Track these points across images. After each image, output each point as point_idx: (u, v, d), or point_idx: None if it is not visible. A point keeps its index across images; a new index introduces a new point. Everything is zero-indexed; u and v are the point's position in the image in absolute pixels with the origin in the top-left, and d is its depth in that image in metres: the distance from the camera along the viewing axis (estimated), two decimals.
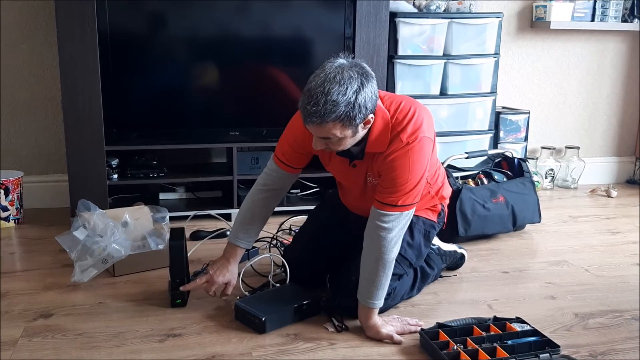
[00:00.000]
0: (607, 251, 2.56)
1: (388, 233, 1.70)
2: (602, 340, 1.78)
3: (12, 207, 2.70)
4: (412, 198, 1.71)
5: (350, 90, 1.54)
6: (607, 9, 3.42)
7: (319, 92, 1.53)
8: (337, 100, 1.53)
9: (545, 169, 3.55)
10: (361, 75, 1.57)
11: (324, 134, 1.60)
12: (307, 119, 1.58)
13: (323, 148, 1.67)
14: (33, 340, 1.71)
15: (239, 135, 2.78)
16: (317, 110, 1.53)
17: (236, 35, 2.70)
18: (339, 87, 1.54)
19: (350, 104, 1.55)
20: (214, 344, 1.71)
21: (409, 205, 1.71)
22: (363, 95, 1.56)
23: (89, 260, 2.03)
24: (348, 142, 1.65)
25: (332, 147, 1.67)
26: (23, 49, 2.83)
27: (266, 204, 1.93)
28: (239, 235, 1.92)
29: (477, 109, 3.18)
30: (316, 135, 1.63)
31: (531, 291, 2.13)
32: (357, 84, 1.56)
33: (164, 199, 2.94)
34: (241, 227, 1.93)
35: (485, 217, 2.58)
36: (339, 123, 1.57)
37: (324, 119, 1.55)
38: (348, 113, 1.55)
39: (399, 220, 1.71)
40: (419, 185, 1.71)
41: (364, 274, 1.75)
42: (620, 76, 3.67)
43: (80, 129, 2.54)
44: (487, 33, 3.10)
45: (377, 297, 1.75)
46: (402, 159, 1.67)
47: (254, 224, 1.94)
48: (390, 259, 1.73)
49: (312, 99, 1.54)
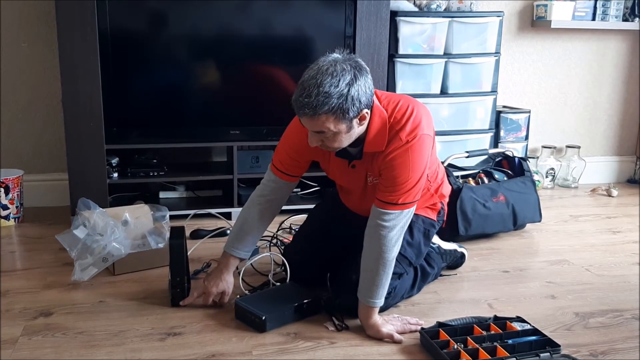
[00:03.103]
0: (607, 250, 2.56)
1: (389, 232, 1.70)
2: (602, 340, 1.78)
3: (12, 206, 2.70)
4: (413, 196, 1.71)
5: (343, 83, 1.54)
6: (608, 8, 3.42)
7: (312, 84, 1.53)
8: (329, 92, 1.53)
9: (546, 168, 3.55)
10: (354, 69, 1.57)
11: (318, 128, 1.59)
12: (300, 111, 1.57)
13: (319, 145, 1.66)
14: (33, 338, 1.71)
15: (239, 134, 2.78)
16: (310, 102, 1.53)
17: (236, 34, 2.69)
18: (331, 79, 1.53)
19: (343, 96, 1.54)
20: (214, 343, 1.71)
21: (410, 203, 1.71)
22: (356, 88, 1.56)
23: (89, 259, 2.03)
24: (343, 138, 1.63)
25: (327, 145, 1.65)
26: (24, 48, 2.83)
27: (263, 215, 1.92)
28: (235, 245, 1.91)
29: (478, 108, 3.18)
30: (310, 130, 1.62)
31: (532, 290, 2.13)
32: (350, 77, 1.55)
33: (164, 197, 2.94)
34: (237, 237, 1.91)
35: (486, 216, 2.58)
36: (331, 116, 1.56)
37: (316, 111, 1.54)
38: (341, 105, 1.54)
39: (399, 219, 1.71)
40: (419, 183, 1.71)
41: (365, 272, 1.75)
42: (621, 75, 3.66)
43: (81, 127, 2.54)
44: (487, 32, 3.09)
45: (378, 295, 1.75)
46: (402, 158, 1.67)
47: (250, 234, 1.91)
48: (391, 258, 1.73)
49: (305, 91, 1.54)
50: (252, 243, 1.94)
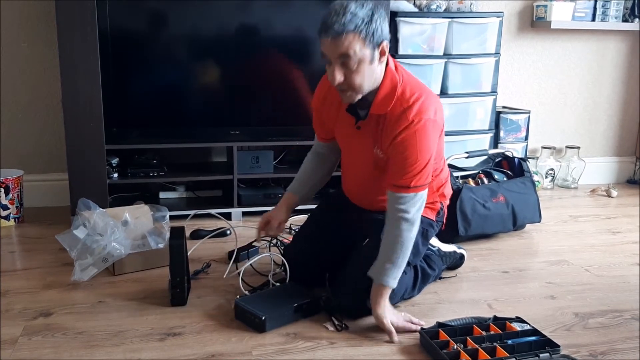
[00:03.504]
0: (607, 251, 2.56)
1: (405, 214, 1.76)
2: (602, 340, 1.78)
3: (12, 206, 2.70)
4: (424, 179, 1.78)
5: (367, 8, 1.67)
6: (608, 9, 3.42)
7: (338, 7, 1.66)
8: (355, 12, 1.64)
9: (546, 169, 3.55)
10: (373, 3, 1.71)
11: (344, 49, 1.65)
12: (327, 31, 1.65)
13: (341, 80, 1.69)
14: (33, 339, 1.71)
15: (239, 134, 2.78)
16: (337, 20, 1.63)
17: (236, 34, 2.70)
18: (356, 3, 1.66)
19: (368, 17, 1.65)
20: (214, 343, 1.71)
21: (421, 186, 1.78)
22: (378, 16, 1.68)
23: (89, 259, 2.03)
24: (366, 72, 1.69)
25: (350, 80, 1.69)
26: (23, 48, 2.83)
27: (314, 163, 2.12)
28: (294, 185, 2.11)
29: (478, 109, 3.18)
30: (335, 56, 1.67)
31: (531, 291, 2.13)
32: (372, 5, 1.69)
33: (164, 197, 2.95)
34: (296, 181, 2.12)
35: (486, 216, 2.58)
36: (358, 35, 1.64)
37: (344, 28, 1.63)
38: (367, 26, 1.65)
39: (414, 201, 1.77)
40: (427, 166, 1.77)
41: (382, 254, 1.79)
42: (620, 76, 3.67)
43: (81, 127, 2.54)
44: (487, 32, 3.10)
45: (391, 275, 1.77)
46: (410, 140, 1.74)
47: (307, 179, 2.11)
48: (409, 238, 1.78)
49: (333, 12, 1.66)
50: (308, 185, 2.10)
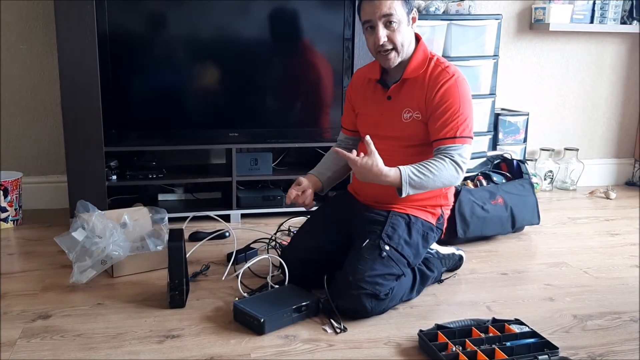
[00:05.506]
0: (606, 253, 2.56)
1: (457, 157, 1.87)
2: (600, 342, 1.78)
3: (11, 208, 2.70)
4: (469, 130, 1.90)
5: None
6: (606, 11, 3.42)
7: None
8: None
9: (544, 171, 3.56)
10: None
11: (386, 9, 1.84)
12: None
13: (385, 40, 1.87)
14: (32, 341, 1.70)
15: (238, 137, 2.78)
16: None
17: (235, 36, 2.70)
18: None
19: None
20: (213, 345, 1.71)
21: (468, 137, 1.89)
22: None
23: (87, 261, 2.03)
24: (404, 32, 1.89)
25: (392, 38, 1.87)
26: (22, 50, 2.83)
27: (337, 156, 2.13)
28: (317, 168, 2.19)
29: (476, 111, 3.18)
30: (379, 15, 1.85)
31: (530, 293, 2.13)
32: None
33: (163, 200, 2.94)
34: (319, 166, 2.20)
35: (484, 218, 2.58)
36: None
37: None
38: None
39: (462, 150, 1.88)
40: (470, 119, 1.90)
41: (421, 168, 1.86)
42: (619, 78, 3.67)
43: (80, 129, 2.54)
44: (486, 35, 3.10)
45: (412, 182, 1.83)
46: (453, 89, 1.88)
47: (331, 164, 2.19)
48: (444, 176, 1.85)
49: None
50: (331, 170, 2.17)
